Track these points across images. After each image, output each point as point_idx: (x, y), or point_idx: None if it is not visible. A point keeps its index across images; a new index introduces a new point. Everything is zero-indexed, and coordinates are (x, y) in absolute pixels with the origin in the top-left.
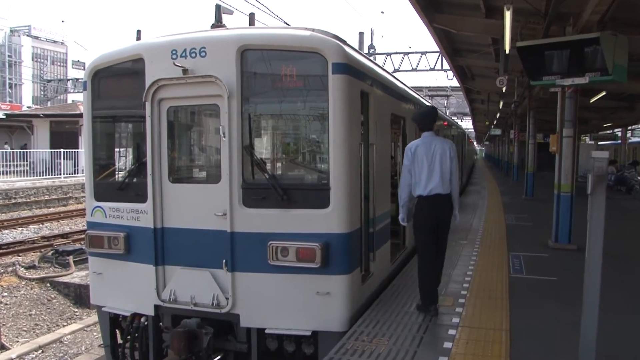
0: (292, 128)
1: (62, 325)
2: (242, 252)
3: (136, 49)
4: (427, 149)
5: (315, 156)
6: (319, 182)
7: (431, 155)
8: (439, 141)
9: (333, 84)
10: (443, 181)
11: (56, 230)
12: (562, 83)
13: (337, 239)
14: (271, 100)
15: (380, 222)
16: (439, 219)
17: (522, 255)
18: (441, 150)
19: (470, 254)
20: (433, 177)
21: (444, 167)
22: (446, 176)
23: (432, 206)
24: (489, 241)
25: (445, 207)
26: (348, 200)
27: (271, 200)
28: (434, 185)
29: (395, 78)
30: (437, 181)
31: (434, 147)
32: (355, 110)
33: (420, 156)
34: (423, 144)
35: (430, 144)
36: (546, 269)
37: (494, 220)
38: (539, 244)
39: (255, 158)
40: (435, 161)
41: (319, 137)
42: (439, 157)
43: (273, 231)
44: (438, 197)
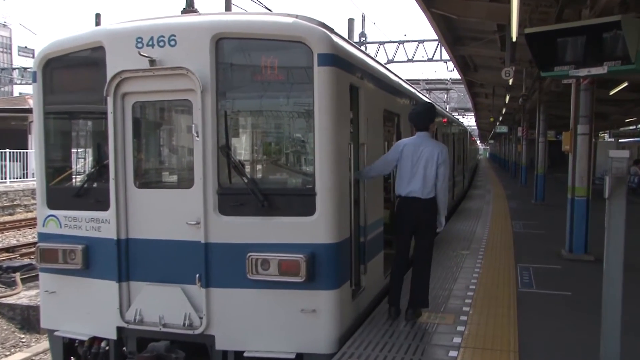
0: (274, 126)
1: (4, 356)
2: (217, 265)
3: (95, 35)
4: (414, 150)
5: (299, 157)
6: (303, 187)
7: (417, 158)
8: (429, 144)
9: (319, 77)
10: (425, 186)
11: (0, 243)
12: (577, 74)
13: (323, 249)
14: (250, 95)
15: (372, 231)
16: (416, 222)
17: (531, 267)
18: (428, 155)
19: (473, 266)
20: (414, 180)
21: (428, 172)
22: (429, 182)
23: (410, 209)
24: (494, 251)
25: (424, 212)
26: (336, 206)
27: (250, 207)
28: (413, 188)
29: (388, 70)
30: (417, 185)
31: (421, 150)
32: (344, 106)
33: (406, 156)
34: (412, 144)
35: (419, 145)
36: (559, 282)
37: (500, 228)
38: (551, 255)
39: (233, 160)
40: (420, 165)
41: (304, 136)
42: (425, 161)
43: (252, 241)
44: (416, 201)
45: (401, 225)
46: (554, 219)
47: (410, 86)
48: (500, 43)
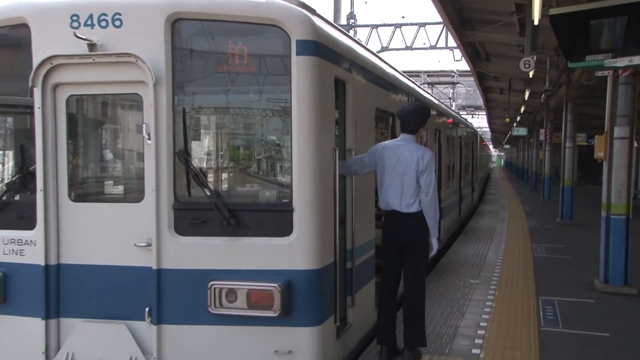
0: (243, 127)
1: None
2: (172, 296)
3: (16, 9)
4: (392, 154)
5: (274, 165)
6: (278, 201)
7: (394, 164)
8: (410, 149)
9: (298, 69)
10: (403, 197)
11: None
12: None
13: (302, 277)
14: (214, 89)
15: (361, 255)
16: (400, 242)
17: (556, 300)
18: (407, 160)
19: (485, 298)
20: (391, 190)
21: (407, 180)
22: (408, 192)
23: (391, 225)
24: (510, 281)
25: (406, 229)
26: (318, 225)
27: (214, 225)
28: (390, 199)
29: (382, 60)
30: (395, 196)
31: (399, 155)
32: (328, 104)
33: (383, 160)
34: (391, 147)
35: (398, 149)
36: (592, 320)
37: (517, 252)
38: (582, 286)
39: (193, 168)
40: (396, 172)
41: (280, 140)
42: (402, 167)
43: (216, 267)
44: (395, 215)
45: (386, 245)
46: (584, 242)
47: (409, 80)
48: (519, 27)
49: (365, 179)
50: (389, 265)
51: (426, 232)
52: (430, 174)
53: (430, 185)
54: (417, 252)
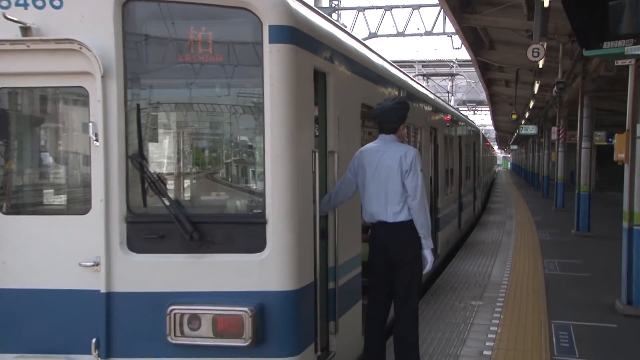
0: (209, 126)
1: None
2: (124, 325)
3: None
4: (371, 158)
5: (245, 170)
6: (249, 212)
7: (374, 168)
8: (392, 148)
9: (271, 59)
10: (389, 204)
11: None
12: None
13: (277, 300)
14: (174, 82)
15: (346, 273)
16: (388, 257)
17: (572, 325)
18: (389, 162)
19: (489, 323)
20: (374, 199)
21: (392, 184)
22: (395, 198)
23: (377, 239)
24: (517, 302)
25: (396, 241)
26: (295, 239)
27: (174, 240)
28: (375, 209)
29: (370, 49)
30: (379, 205)
31: (379, 158)
32: (306, 99)
33: (363, 166)
34: (370, 150)
35: (377, 152)
36: (615, 348)
37: (526, 269)
38: (601, 308)
39: (149, 174)
40: (378, 177)
41: (252, 141)
42: (385, 171)
43: (176, 289)
44: (382, 226)
45: (372, 262)
46: (604, 257)
47: (401, 71)
48: (527, 9)
49: None
50: (377, 285)
51: (418, 245)
52: (416, 174)
53: (418, 187)
54: (408, 268)
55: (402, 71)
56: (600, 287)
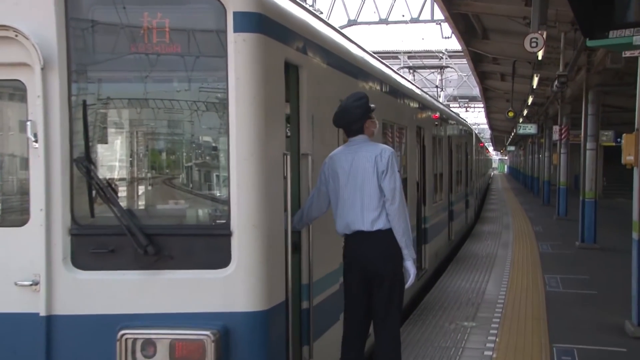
0: (167, 125)
1: None
2: (68, 352)
3: None
4: (343, 162)
5: (208, 175)
6: (212, 222)
7: (347, 172)
8: (364, 148)
9: (236, 50)
10: (365, 211)
11: None
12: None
13: (244, 322)
14: (127, 75)
15: (322, 291)
16: (367, 268)
17: (576, 349)
18: (363, 163)
19: (483, 347)
20: (348, 207)
21: (368, 189)
22: (372, 204)
23: (353, 251)
24: (515, 323)
25: (374, 252)
26: (264, 252)
27: (126, 255)
28: (351, 218)
29: (348, 39)
30: (356, 212)
31: (352, 159)
32: (276, 96)
33: (334, 173)
34: (341, 153)
35: (349, 153)
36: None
37: (525, 286)
38: (609, 330)
39: (97, 180)
40: (352, 182)
41: (215, 142)
42: (360, 174)
43: (128, 311)
44: (359, 237)
45: (348, 278)
46: (612, 272)
47: (383, 64)
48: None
49: None
50: (353, 305)
51: (398, 256)
52: (393, 175)
53: (396, 190)
54: (388, 283)
55: (385, 64)
56: (608, 306)
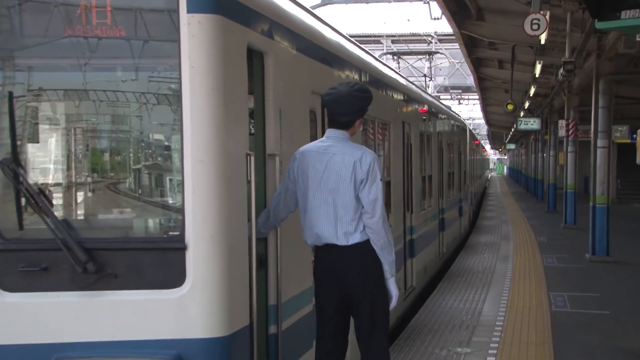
0: (110, 121)
1: None
2: None
3: None
4: (316, 162)
5: (159, 179)
6: (162, 234)
7: (319, 175)
8: (343, 150)
9: (190, 33)
10: (339, 223)
11: None
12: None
13: (200, 350)
14: (62, 63)
15: (292, 313)
16: (343, 287)
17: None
18: (338, 167)
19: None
20: (319, 215)
21: (341, 198)
22: (345, 215)
23: (328, 265)
24: (516, 349)
25: (350, 268)
26: (224, 269)
27: (62, 273)
28: (322, 229)
29: (322, 21)
30: (326, 223)
31: (327, 162)
32: (238, 87)
33: (303, 171)
34: (314, 151)
35: (325, 153)
36: None
37: (527, 306)
38: (624, 355)
39: (27, 186)
40: (324, 187)
41: (167, 140)
42: (333, 179)
43: (65, 340)
44: (331, 250)
45: (318, 298)
46: (627, 289)
47: (363, 49)
48: None
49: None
50: (325, 330)
51: (379, 273)
52: (374, 185)
53: (377, 202)
54: (369, 303)
55: (364, 49)
56: (623, 328)
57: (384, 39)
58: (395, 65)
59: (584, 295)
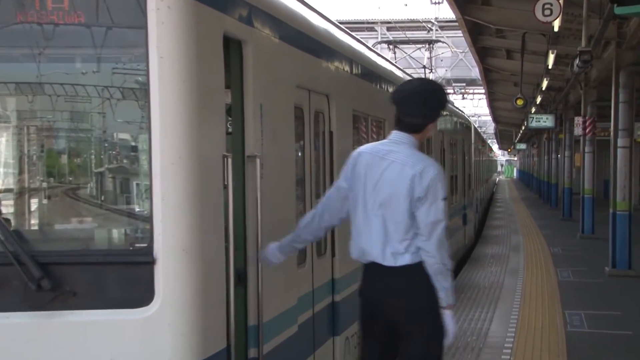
0: (69, 119)
1: None
2: None
3: None
4: (372, 167)
5: (124, 184)
6: (127, 246)
7: (373, 184)
8: (403, 159)
9: (159, 20)
10: (388, 241)
11: None
12: None
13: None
14: (12, 52)
15: (275, 334)
16: (389, 315)
17: None
18: (394, 179)
19: None
20: (368, 228)
21: (394, 212)
22: (395, 233)
23: (372, 288)
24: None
25: (400, 294)
26: (197, 286)
27: (12, 291)
28: (367, 244)
29: (308, 6)
30: (373, 238)
31: (383, 169)
32: (213, 80)
33: (356, 175)
34: (373, 153)
35: (384, 159)
36: None
37: (540, 324)
38: None
39: None
40: (379, 198)
41: (133, 140)
42: (386, 191)
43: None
44: (376, 271)
45: (361, 322)
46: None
47: (355, 38)
48: None
49: (281, 207)
50: (369, 353)
51: (433, 302)
52: (434, 205)
53: (436, 225)
54: (419, 337)
55: (356, 38)
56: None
57: (379, 26)
58: (391, 55)
59: (603, 314)
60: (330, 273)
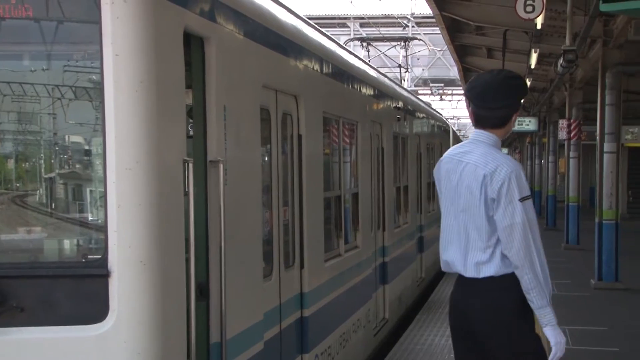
0: (17, 120)
1: None
2: None
3: None
4: (450, 172)
5: (77, 190)
6: (80, 258)
7: (453, 189)
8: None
9: (114, 14)
10: (470, 249)
11: None
12: None
13: None
14: None
15: (241, 352)
16: (472, 332)
17: None
18: (469, 181)
19: None
20: (451, 238)
21: (472, 219)
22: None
23: (456, 301)
24: None
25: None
26: (155, 300)
27: None
28: (451, 255)
29: (275, 1)
30: (458, 247)
31: (460, 172)
32: (172, 80)
33: (439, 181)
34: (451, 158)
35: (460, 161)
36: None
37: None
38: None
39: None
40: (456, 204)
41: (86, 143)
42: (465, 195)
43: None
44: (462, 282)
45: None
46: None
47: (325, 35)
48: None
49: (247, 217)
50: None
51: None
52: (509, 206)
53: (514, 228)
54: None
55: (326, 35)
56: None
57: (351, 22)
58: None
59: (588, 329)
60: (299, 286)
